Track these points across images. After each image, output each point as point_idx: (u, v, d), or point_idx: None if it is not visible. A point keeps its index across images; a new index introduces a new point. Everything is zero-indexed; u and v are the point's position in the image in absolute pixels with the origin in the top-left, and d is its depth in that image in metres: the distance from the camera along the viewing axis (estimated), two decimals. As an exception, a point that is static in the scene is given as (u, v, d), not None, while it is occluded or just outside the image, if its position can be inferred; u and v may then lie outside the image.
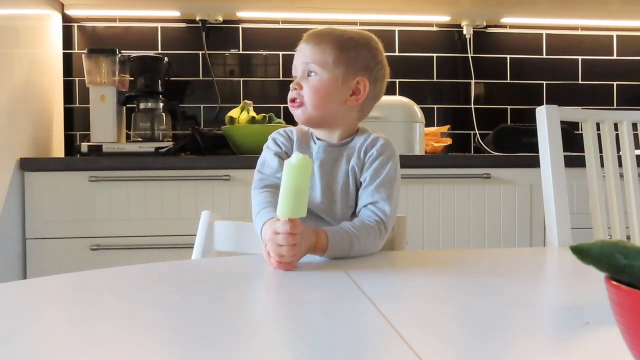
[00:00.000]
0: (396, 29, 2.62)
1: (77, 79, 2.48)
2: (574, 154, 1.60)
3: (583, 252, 0.43)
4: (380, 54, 1.08)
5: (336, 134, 1.08)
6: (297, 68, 1.07)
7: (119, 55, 2.26)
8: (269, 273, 0.87)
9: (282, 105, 2.53)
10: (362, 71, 1.06)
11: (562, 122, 1.28)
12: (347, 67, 1.04)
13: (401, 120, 2.12)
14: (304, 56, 1.05)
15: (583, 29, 2.69)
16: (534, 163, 1.48)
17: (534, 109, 1.32)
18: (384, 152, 1.05)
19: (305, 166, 0.83)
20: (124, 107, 2.35)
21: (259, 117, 2.22)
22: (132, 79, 2.35)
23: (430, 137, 2.36)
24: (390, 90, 2.57)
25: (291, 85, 1.06)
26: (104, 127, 2.22)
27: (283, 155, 1.08)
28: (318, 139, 1.10)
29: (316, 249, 0.94)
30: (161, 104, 2.34)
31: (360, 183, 1.05)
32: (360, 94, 1.05)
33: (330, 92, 1.05)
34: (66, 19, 2.46)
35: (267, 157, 1.08)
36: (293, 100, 1.06)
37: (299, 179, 0.83)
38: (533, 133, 1.36)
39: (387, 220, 1.01)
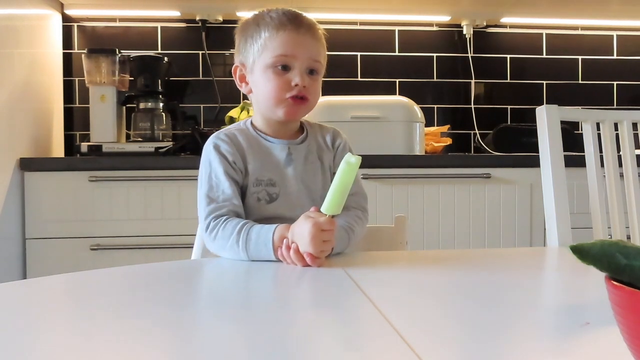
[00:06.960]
0: (396, 29, 2.62)
1: (77, 78, 2.47)
2: (574, 154, 1.60)
3: (583, 252, 0.43)
4: None
5: (291, 127, 1.06)
6: (299, 60, 1.00)
7: (119, 55, 2.26)
8: (267, 273, 0.87)
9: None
10: None
11: (562, 122, 1.28)
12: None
13: (401, 120, 2.11)
14: (310, 52, 1.00)
15: (583, 29, 2.69)
16: (534, 163, 1.48)
17: (534, 109, 1.32)
18: (345, 141, 1.08)
19: (358, 166, 0.86)
20: (124, 107, 2.35)
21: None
22: (132, 78, 2.35)
23: (430, 137, 2.36)
24: (390, 90, 2.60)
25: (300, 82, 0.99)
26: (104, 127, 2.22)
27: (235, 175, 0.99)
28: (268, 134, 1.05)
29: None
30: (161, 104, 2.34)
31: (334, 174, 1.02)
32: None
33: None
34: (66, 18, 2.45)
35: (218, 180, 0.98)
36: (301, 98, 1.00)
37: (350, 177, 0.86)
38: (533, 133, 1.36)
39: (367, 205, 1.06)
